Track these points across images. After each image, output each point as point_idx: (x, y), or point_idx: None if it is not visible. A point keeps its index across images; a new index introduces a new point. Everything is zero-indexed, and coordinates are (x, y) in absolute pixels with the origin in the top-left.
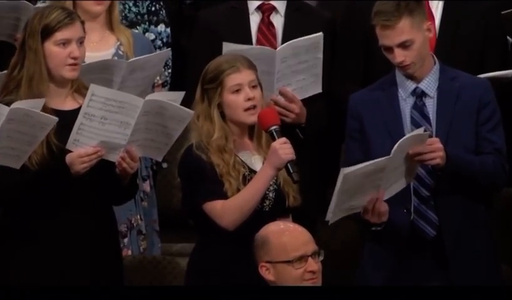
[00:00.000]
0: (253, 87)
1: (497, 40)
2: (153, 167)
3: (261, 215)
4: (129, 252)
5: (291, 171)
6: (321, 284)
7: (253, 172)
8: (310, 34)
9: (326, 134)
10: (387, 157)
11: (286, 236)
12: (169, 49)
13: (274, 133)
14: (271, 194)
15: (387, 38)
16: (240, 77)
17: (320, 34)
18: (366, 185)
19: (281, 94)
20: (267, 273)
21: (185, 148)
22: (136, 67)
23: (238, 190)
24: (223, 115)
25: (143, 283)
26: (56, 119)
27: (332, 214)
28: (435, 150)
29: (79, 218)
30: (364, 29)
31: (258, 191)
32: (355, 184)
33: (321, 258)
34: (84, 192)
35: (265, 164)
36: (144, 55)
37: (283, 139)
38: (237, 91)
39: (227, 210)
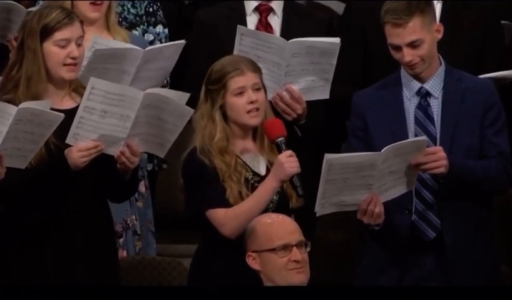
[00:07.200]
0: (257, 89)
1: (497, 40)
2: (154, 168)
3: None
4: (125, 253)
5: (297, 185)
6: (308, 276)
7: (256, 174)
8: (307, 34)
9: (325, 133)
10: (376, 152)
11: (272, 226)
12: (184, 40)
13: (281, 145)
14: (275, 197)
15: (397, 37)
16: (244, 79)
17: (338, 41)
18: (356, 181)
19: (288, 91)
20: (254, 262)
21: (189, 151)
22: (150, 56)
23: (240, 193)
24: (226, 116)
25: (143, 283)
26: (62, 115)
27: (319, 206)
28: (438, 159)
29: (77, 216)
30: (362, 29)
31: (261, 202)
32: (342, 175)
33: (308, 249)
34: (82, 190)
35: (270, 175)
36: (158, 45)
37: (289, 152)
38: (240, 94)
39: (229, 219)
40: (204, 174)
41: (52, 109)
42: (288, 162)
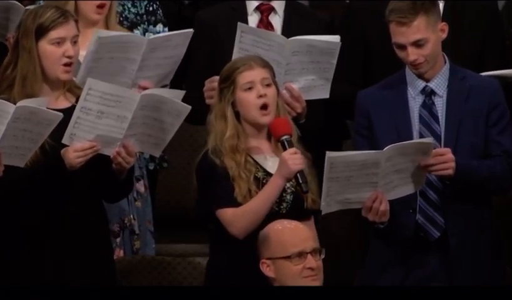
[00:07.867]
0: (267, 85)
1: (497, 40)
2: (156, 167)
3: (278, 218)
4: (122, 253)
5: (301, 182)
6: (322, 283)
7: (268, 174)
8: (308, 34)
9: (325, 132)
10: (378, 151)
11: (286, 233)
12: (192, 29)
13: (285, 143)
14: (288, 197)
15: (402, 36)
16: (253, 74)
17: (338, 40)
18: (360, 179)
19: (287, 89)
20: (268, 270)
21: (202, 153)
22: (156, 45)
23: (249, 191)
24: (238, 116)
25: (142, 283)
26: (61, 114)
27: (325, 204)
28: (447, 160)
29: (75, 216)
30: (362, 29)
31: (268, 200)
32: (345, 173)
33: (322, 256)
34: (79, 190)
35: (275, 173)
36: (165, 33)
37: (293, 150)
38: (249, 89)
39: (236, 218)
40: (215, 175)
41: (47, 108)
42: (292, 159)
